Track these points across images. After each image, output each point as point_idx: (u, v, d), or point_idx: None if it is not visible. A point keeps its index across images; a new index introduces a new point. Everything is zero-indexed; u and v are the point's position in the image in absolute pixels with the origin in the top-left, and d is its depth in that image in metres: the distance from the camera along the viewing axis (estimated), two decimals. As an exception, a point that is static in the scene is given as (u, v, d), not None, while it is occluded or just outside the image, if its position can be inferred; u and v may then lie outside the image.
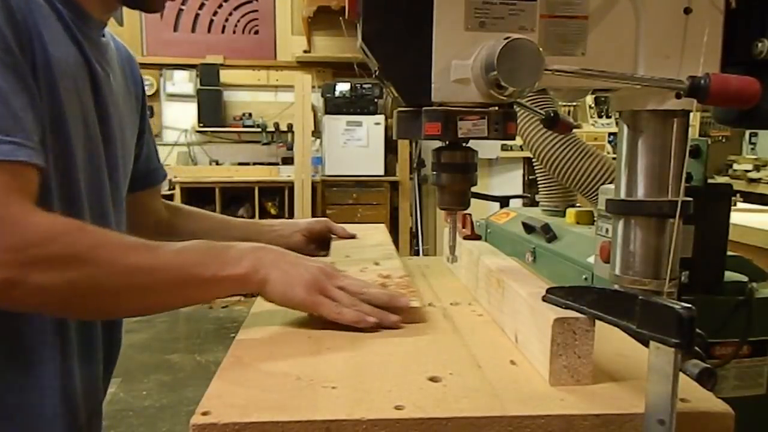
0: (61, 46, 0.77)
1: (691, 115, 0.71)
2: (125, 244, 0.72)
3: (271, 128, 5.00)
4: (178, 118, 5.04)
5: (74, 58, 0.80)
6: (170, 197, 4.46)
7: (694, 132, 4.78)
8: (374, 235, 1.25)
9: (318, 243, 1.16)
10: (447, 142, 0.72)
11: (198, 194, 4.61)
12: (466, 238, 1.06)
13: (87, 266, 0.67)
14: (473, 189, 0.77)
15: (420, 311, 0.79)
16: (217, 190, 4.53)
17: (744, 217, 2.09)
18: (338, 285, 0.76)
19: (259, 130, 4.96)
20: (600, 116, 5.14)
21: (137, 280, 0.70)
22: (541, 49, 0.62)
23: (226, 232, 1.11)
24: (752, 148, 5.20)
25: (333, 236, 1.19)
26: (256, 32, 5.07)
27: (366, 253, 1.07)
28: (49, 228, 0.67)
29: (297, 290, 0.73)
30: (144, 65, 4.86)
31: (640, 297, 0.50)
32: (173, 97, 5.02)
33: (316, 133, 4.90)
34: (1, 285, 0.63)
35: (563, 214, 1.46)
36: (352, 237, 1.20)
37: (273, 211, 4.65)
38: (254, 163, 4.96)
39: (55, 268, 0.65)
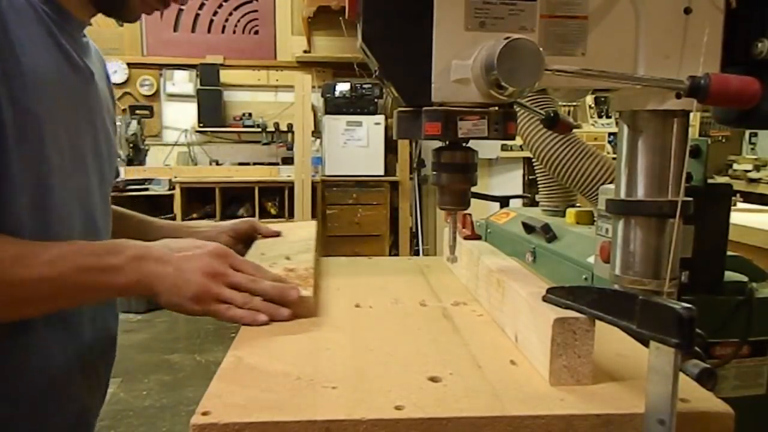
0: (39, 51, 0.76)
1: (691, 115, 0.71)
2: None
3: (271, 128, 5.00)
4: (178, 118, 5.04)
5: (56, 62, 0.79)
6: (170, 197, 4.46)
7: (694, 132, 4.78)
8: (299, 231, 1.25)
9: (245, 243, 1.15)
10: (447, 142, 0.72)
11: (198, 194, 4.60)
12: (466, 238, 1.06)
13: None
14: (473, 189, 0.77)
15: (310, 301, 0.80)
16: (217, 190, 4.53)
17: (744, 217, 2.09)
18: (228, 282, 0.76)
19: (259, 130, 4.96)
20: (600, 116, 5.14)
21: (9, 295, 0.70)
22: (541, 49, 0.62)
23: (146, 234, 1.08)
24: (752, 148, 5.20)
25: (259, 236, 1.18)
26: (256, 32, 5.07)
27: (283, 249, 1.07)
28: None
29: (187, 304, 0.74)
30: (144, 65, 4.90)
31: (640, 297, 0.50)
32: (173, 97, 5.02)
33: (316, 133, 4.90)
34: None
35: (563, 214, 1.46)
36: (277, 235, 1.20)
37: (273, 211, 4.64)
38: (254, 163, 4.96)
39: None
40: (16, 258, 0.70)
